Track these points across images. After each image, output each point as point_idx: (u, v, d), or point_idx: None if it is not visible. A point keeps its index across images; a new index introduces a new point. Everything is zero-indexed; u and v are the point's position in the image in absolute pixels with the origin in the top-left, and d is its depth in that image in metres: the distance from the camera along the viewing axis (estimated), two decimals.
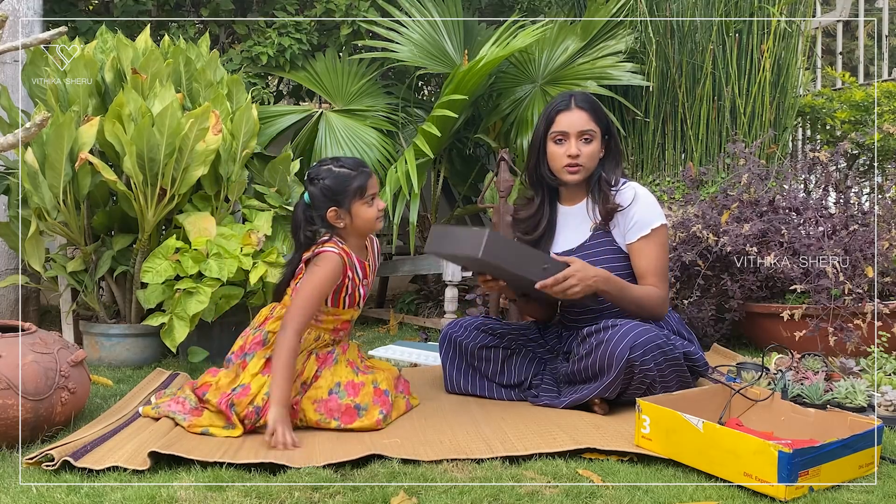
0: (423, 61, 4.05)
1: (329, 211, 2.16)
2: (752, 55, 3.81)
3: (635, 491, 1.67)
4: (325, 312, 2.20)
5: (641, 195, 2.31)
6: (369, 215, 2.18)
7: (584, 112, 2.30)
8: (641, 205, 2.30)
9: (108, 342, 3.01)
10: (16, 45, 2.51)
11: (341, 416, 2.10)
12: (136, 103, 2.83)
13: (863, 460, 1.75)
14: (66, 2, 4.01)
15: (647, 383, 2.14)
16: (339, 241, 2.18)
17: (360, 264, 2.21)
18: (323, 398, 2.12)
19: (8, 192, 3.02)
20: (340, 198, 2.16)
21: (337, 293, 2.18)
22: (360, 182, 2.16)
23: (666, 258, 2.32)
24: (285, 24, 3.97)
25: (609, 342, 2.11)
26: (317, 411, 2.10)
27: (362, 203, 2.18)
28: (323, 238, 2.19)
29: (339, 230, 2.20)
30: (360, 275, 2.22)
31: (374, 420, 2.11)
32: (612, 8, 3.97)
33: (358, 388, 2.16)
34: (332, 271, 2.12)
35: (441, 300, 3.86)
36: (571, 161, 2.30)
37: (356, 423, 2.10)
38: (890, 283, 2.99)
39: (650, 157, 3.96)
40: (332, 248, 2.14)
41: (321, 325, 2.21)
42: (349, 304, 2.22)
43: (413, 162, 3.49)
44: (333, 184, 2.16)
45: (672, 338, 2.24)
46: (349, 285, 2.19)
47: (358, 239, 2.23)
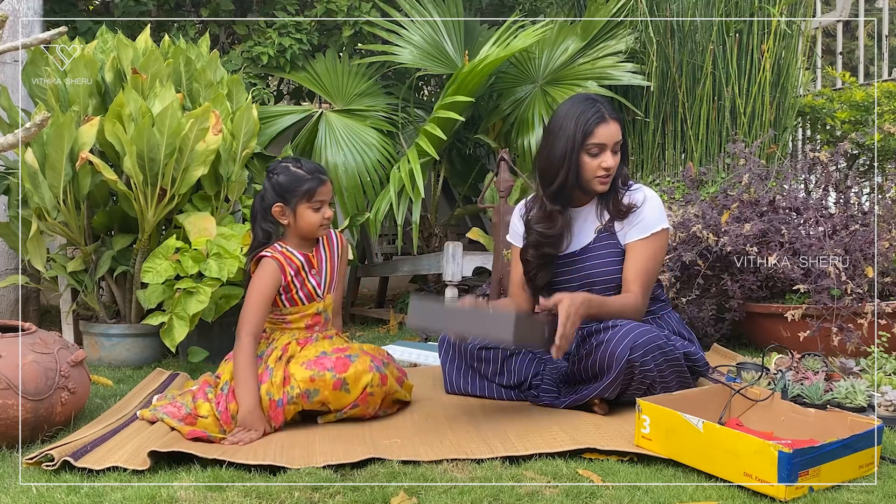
0: (423, 63, 4.05)
1: (275, 206, 2.22)
2: (753, 55, 3.81)
3: (635, 491, 1.67)
4: (289, 313, 2.25)
5: (650, 197, 2.31)
6: (312, 220, 2.22)
7: (617, 123, 2.25)
8: (649, 206, 2.29)
9: (108, 342, 3.01)
10: (16, 45, 2.51)
11: (334, 366, 2.11)
12: (137, 103, 2.83)
13: (863, 460, 1.74)
14: (66, 2, 4.01)
15: (647, 383, 2.14)
16: (279, 244, 2.24)
17: (303, 256, 2.25)
18: (311, 359, 2.14)
19: (8, 192, 3.02)
20: (288, 196, 2.21)
21: (288, 293, 2.23)
22: (310, 185, 2.21)
23: (656, 266, 2.29)
24: (285, 25, 3.97)
25: (609, 342, 2.11)
26: (308, 369, 2.10)
27: (308, 206, 2.22)
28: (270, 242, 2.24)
29: (283, 227, 2.26)
30: (306, 267, 2.25)
31: (367, 365, 2.13)
32: (612, 8, 3.96)
33: (345, 349, 2.19)
34: (269, 277, 2.19)
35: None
36: (606, 173, 2.24)
37: (350, 370, 2.10)
38: (890, 283, 2.99)
39: (650, 157, 3.96)
40: (268, 252, 2.21)
41: (291, 326, 2.25)
42: (307, 300, 2.25)
43: (416, 161, 3.49)
44: (285, 181, 2.21)
45: (672, 338, 2.24)
46: (296, 282, 2.22)
47: (301, 239, 2.28)
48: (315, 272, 2.27)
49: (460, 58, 4.09)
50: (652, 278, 2.29)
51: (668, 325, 2.35)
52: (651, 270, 2.28)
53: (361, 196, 3.83)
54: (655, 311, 2.39)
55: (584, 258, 2.34)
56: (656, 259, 2.29)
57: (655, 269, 2.30)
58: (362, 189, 3.83)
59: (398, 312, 4.01)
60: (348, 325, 4.04)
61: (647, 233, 2.27)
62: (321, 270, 2.29)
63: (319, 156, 3.86)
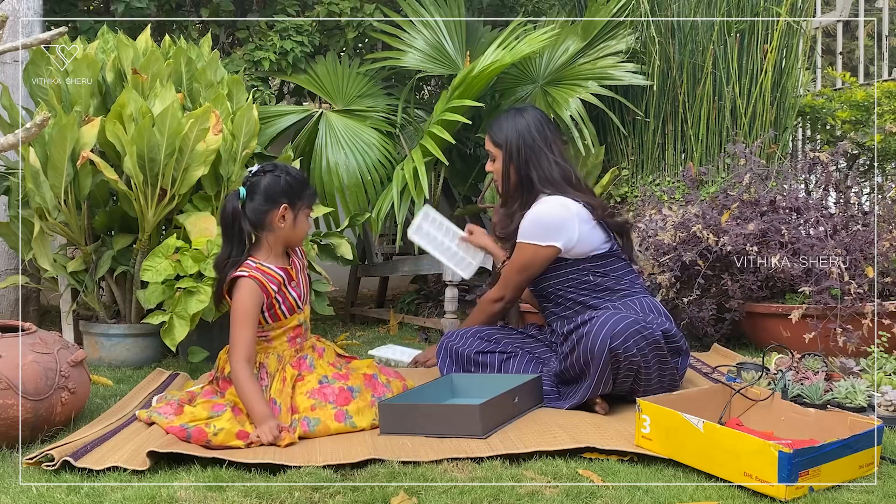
0: (425, 65, 4.06)
1: (282, 206, 2.14)
2: (754, 55, 3.81)
3: (635, 491, 1.67)
4: (272, 329, 2.19)
5: (533, 211, 2.42)
6: (305, 227, 2.22)
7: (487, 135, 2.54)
8: (526, 219, 2.42)
9: (108, 342, 3.01)
10: (16, 45, 2.51)
11: (336, 398, 2.11)
12: (137, 103, 2.83)
13: (863, 460, 1.74)
14: (67, 2, 4.01)
15: (634, 370, 2.15)
16: (252, 260, 2.15)
17: (283, 271, 2.19)
18: (315, 387, 2.13)
19: (8, 192, 3.02)
20: (295, 198, 2.16)
21: (272, 309, 2.18)
22: (312, 191, 2.23)
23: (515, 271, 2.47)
24: (286, 27, 3.97)
25: (589, 335, 2.12)
26: (310, 398, 2.11)
27: (306, 212, 2.21)
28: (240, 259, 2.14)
29: (271, 234, 2.16)
30: (287, 281, 2.20)
31: (368, 401, 2.14)
32: (612, 8, 3.96)
33: (347, 376, 2.20)
34: (251, 296, 2.11)
35: (441, 300, 3.86)
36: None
37: (352, 405, 2.10)
38: (890, 283, 2.99)
39: (650, 157, 3.96)
40: (244, 272, 2.12)
41: (273, 342, 2.20)
42: (289, 312, 2.21)
43: (421, 161, 3.50)
44: (294, 182, 2.16)
45: (648, 318, 2.25)
46: (279, 298, 2.17)
47: (282, 248, 2.21)
48: (294, 284, 2.23)
49: (461, 59, 4.09)
50: (507, 276, 2.51)
51: (642, 307, 2.36)
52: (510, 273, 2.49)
53: (363, 195, 3.83)
54: (629, 294, 2.40)
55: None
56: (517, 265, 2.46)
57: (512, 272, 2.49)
58: (363, 189, 3.83)
59: (398, 312, 4.01)
60: (348, 326, 4.04)
61: (519, 238, 2.44)
62: (299, 282, 2.26)
63: (320, 155, 3.86)
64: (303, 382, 2.15)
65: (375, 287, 4.64)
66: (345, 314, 4.24)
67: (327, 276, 3.25)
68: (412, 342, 3.48)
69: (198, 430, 1.95)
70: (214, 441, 1.94)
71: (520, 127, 2.48)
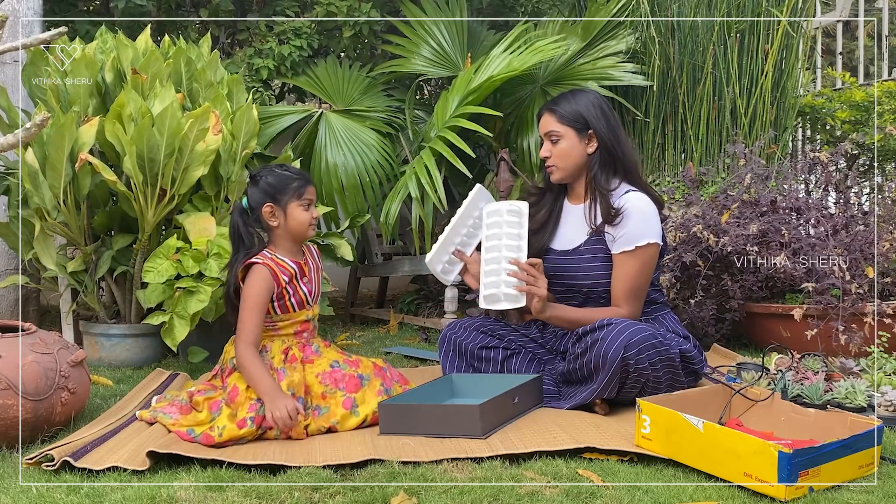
0: (427, 68, 4.07)
1: (265, 206, 2.22)
2: (754, 55, 3.81)
3: (635, 491, 1.67)
4: (280, 320, 2.24)
5: (634, 210, 2.27)
6: (304, 218, 2.24)
7: (548, 115, 2.36)
8: (633, 220, 2.26)
9: (108, 342, 3.01)
10: (16, 45, 2.51)
11: (346, 385, 2.15)
12: (137, 104, 2.83)
13: (863, 460, 1.74)
14: (66, 2, 4.01)
15: (641, 382, 2.14)
16: (268, 251, 2.23)
17: (296, 265, 2.25)
18: (326, 370, 2.17)
19: (8, 192, 3.02)
20: (279, 195, 2.22)
21: (281, 300, 2.22)
22: (299, 184, 2.24)
23: (644, 278, 2.29)
24: (285, 31, 3.97)
25: (603, 341, 2.11)
26: (322, 383, 2.15)
27: (298, 205, 2.23)
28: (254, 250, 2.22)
29: (273, 231, 2.25)
30: (298, 275, 2.25)
31: (376, 391, 2.17)
32: (612, 8, 3.97)
33: (357, 363, 2.24)
34: (262, 282, 2.17)
35: (441, 300, 3.86)
36: (546, 162, 2.39)
37: (360, 392, 2.14)
38: (890, 283, 2.99)
39: (650, 157, 3.96)
40: (258, 259, 2.20)
41: (280, 332, 2.25)
42: (299, 307, 2.25)
43: (434, 164, 3.51)
44: (275, 181, 2.23)
45: (668, 336, 2.23)
46: (289, 289, 2.22)
47: (292, 243, 2.27)
48: (307, 280, 2.28)
49: (462, 60, 4.09)
50: (639, 290, 2.30)
51: (664, 325, 2.35)
52: (636, 283, 2.29)
53: (361, 196, 3.83)
54: (651, 313, 2.39)
55: (575, 259, 2.35)
56: (643, 270, 2.29)
57: (643, 280, 2.30)
58: (362, 190, 3.84)
59: (398, 312, 4.01)
60: (348, 326, 4.04)
61: (632, 246, 2.27)
62: (311, 279, 2.31)
63: (319, 156, 3.87)
64: (312, 365, 2.20)
65: (375, 287, 4.64)
66: (345, 314, 4.24)
67: (327, 276, 3.25)
68: (412, 342, 3.48)
69: (205, 435, 2.00)
70: (220, 440, 1.98)
71: (602, 104, 2.35)
